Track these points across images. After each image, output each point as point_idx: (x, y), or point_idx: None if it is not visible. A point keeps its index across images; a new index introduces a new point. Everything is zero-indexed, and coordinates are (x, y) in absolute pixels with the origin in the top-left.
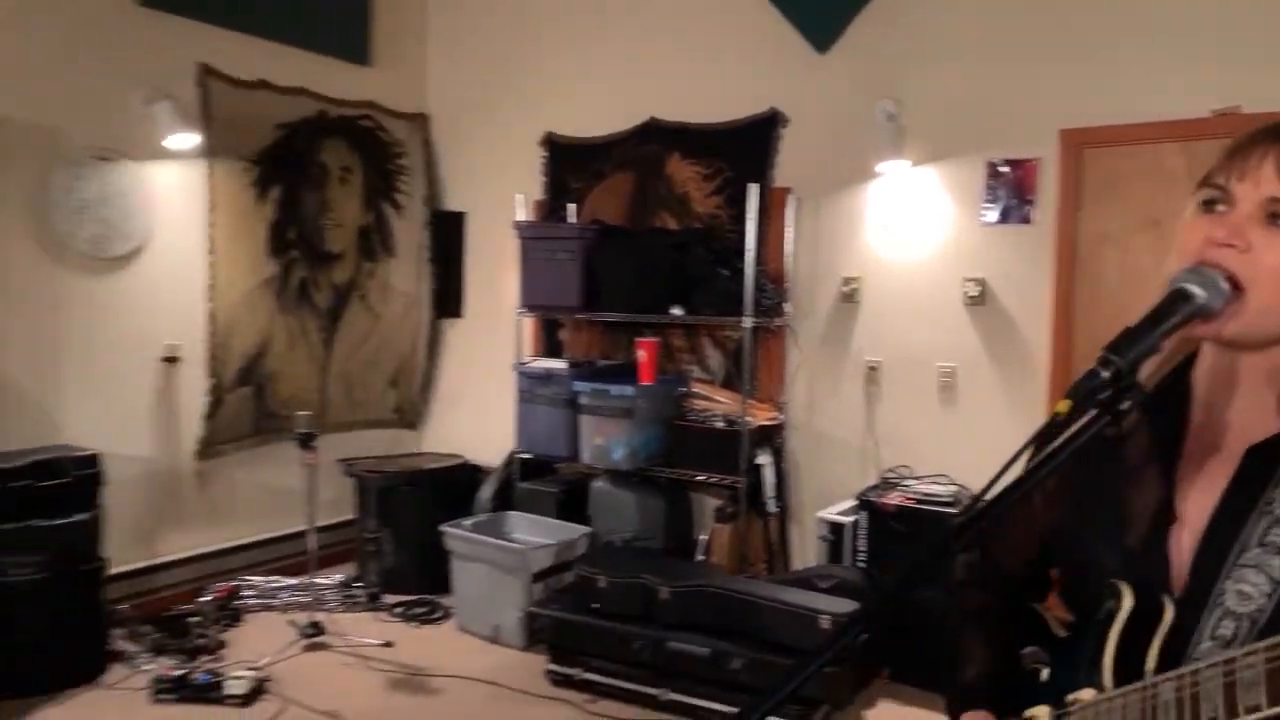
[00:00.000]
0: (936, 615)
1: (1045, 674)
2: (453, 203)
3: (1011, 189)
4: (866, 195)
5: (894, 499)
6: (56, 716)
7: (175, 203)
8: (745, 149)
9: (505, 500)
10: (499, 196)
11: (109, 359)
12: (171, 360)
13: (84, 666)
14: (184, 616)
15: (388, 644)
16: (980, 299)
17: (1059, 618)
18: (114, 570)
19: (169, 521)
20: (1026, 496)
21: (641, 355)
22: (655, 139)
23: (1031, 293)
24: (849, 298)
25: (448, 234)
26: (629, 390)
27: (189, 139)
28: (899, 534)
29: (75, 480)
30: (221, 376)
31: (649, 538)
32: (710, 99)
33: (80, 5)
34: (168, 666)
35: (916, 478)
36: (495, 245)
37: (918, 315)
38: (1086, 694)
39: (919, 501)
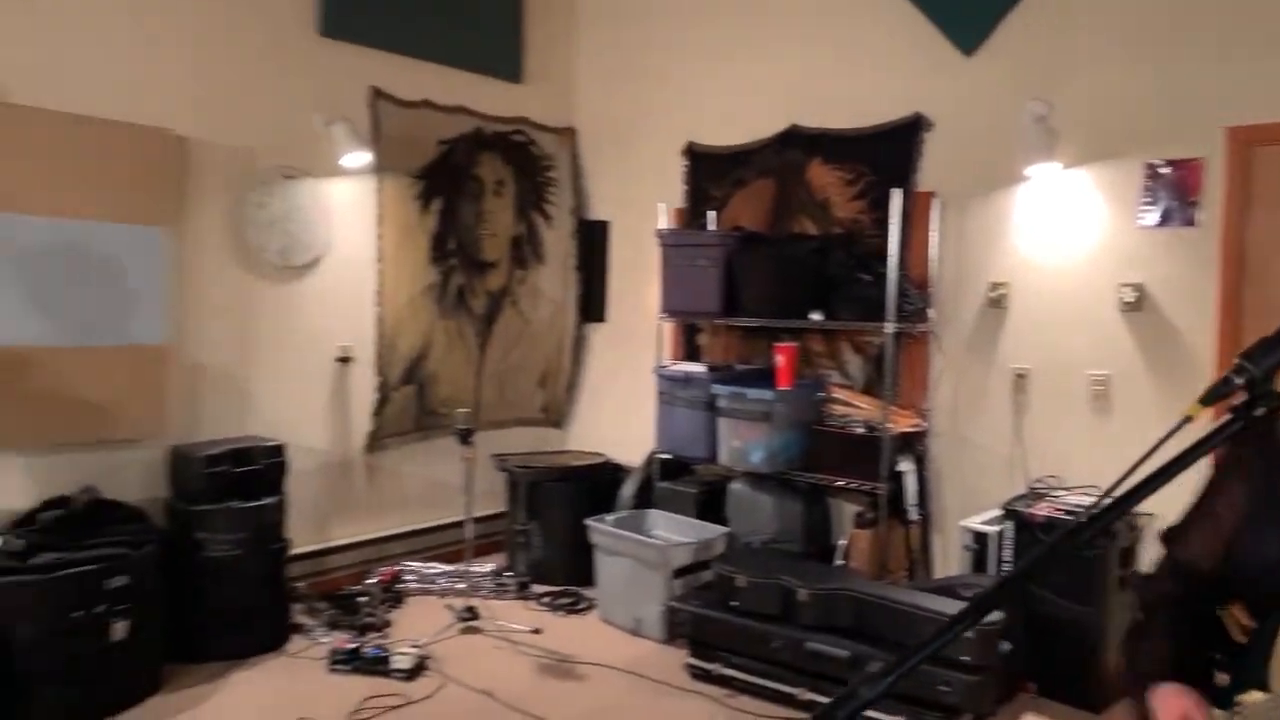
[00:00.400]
0: (1087, 630)
1: (1224, 679)
2: (597, 212)
3: (1172, 190)
4: (1014, 199)
5: (1042, 510)
6: (248, 679)
7: (349, 216)
8: (888, 153)
9: (646, 498)
10: (641, 206)
11: (292, 359)
12: (345, 360)
13: (271, 636)
14: (354, 596)
15: (536, 631)
16: (1137, 305)
17: (1242, 624)
18: (294, 550)
19: (340, 508)
20: (1208, 502)
21: (780, 360)
22: (796, 146)
23: (1195, 298)
24: (996, 303)
25: (592, 242)
26: (767, 394)
27: (362, 157)
28: None
29: (265, 468)
30: (388, 376)
31: (787, 541)
32: (852, 104)
33: (268, 38)
34: (342, 640)
35: (1066, 488)
36: (637, 253)
37: (1069, 321)
38: (1254, 696)
39: (1068, 513)
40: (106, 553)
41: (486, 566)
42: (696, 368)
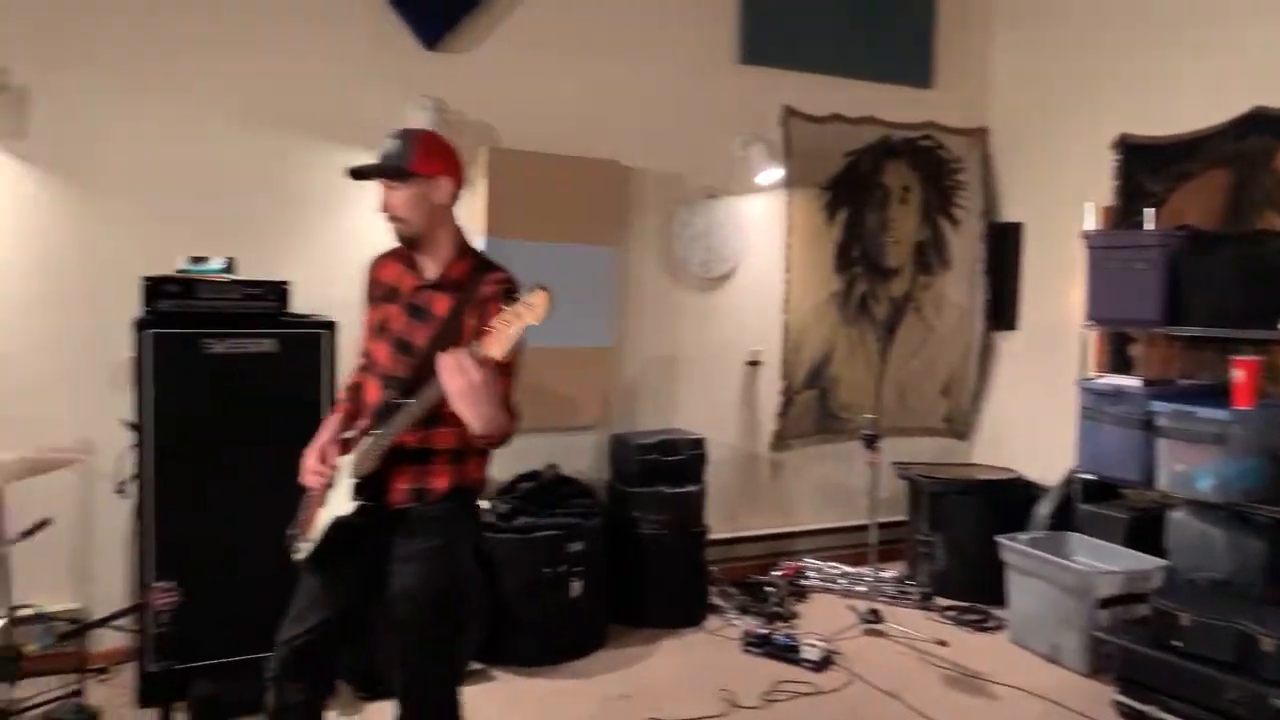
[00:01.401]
0: None
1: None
2: (1009, 214)
3: None
4: None
5: None
6: (675, 647)
7: (761, 229)
8: None
9: (1063, 520)
10: (1060, 205)
11: (709, 361)
12: (754, 364)
13: (691, 612)
14: (761, 585)
15: (942, 643)
16: None
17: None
18: (710, 536)
19: (748, 501)
20: None
21: (1239, 375)
22: (1262, 130)
23: None
24: None
25: (1003, 246)
26: (1222, 414)
27: (774, 174)
28: None
29: (688, 458)
30: (792, 379)
31: (1243, 582)
32: None
33: (695, 73)
34: (753, 625)
35: None
36: (1055, 256)
37: None
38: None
39: None
40: (567, 521)
41: (888, 572)
42: (1129, 381)
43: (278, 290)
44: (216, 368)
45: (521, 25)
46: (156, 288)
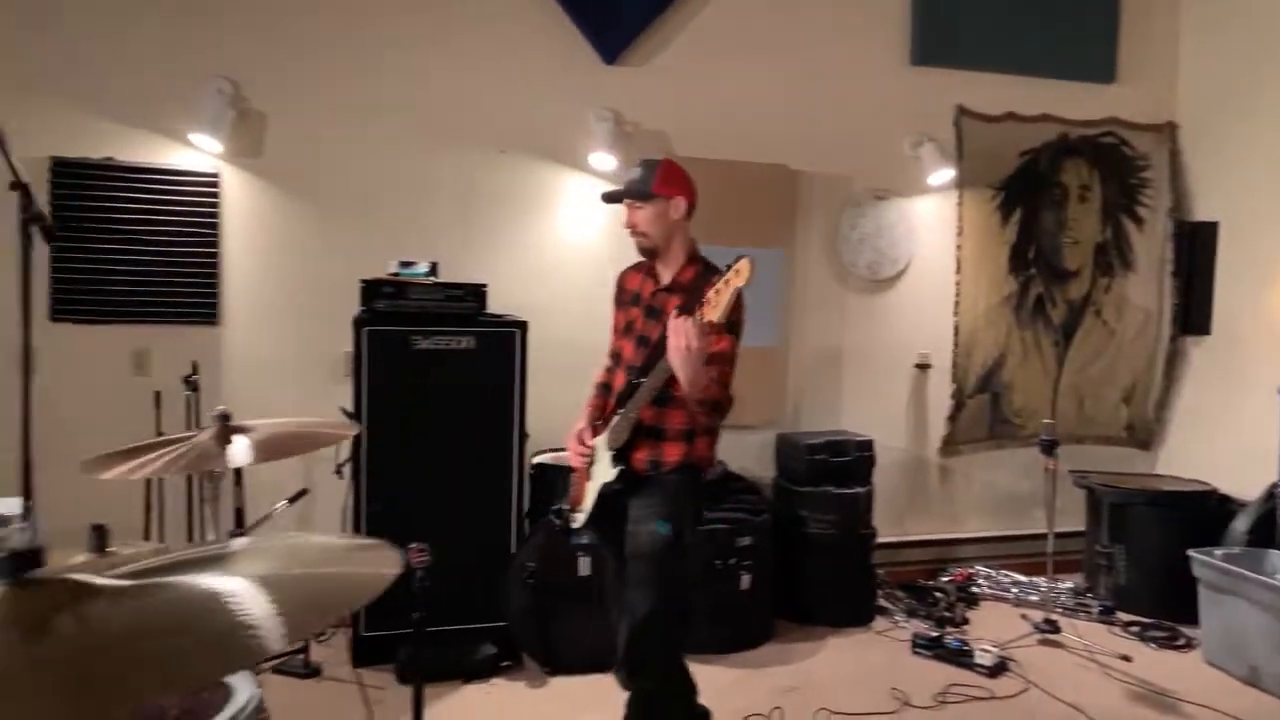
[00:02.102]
0: None
1: None
2: (1202, 213)
3: None
4: None
5: None
6: (841, 645)
7: (931, 231)
8: None
9: (1264, 537)
10: (1260, 202)
11: (876, 363)
12: (923, 367)
13: (858, 612)
14: (929, 590)
15: (1125, 658)
16: None
17: None
18: (877, 540)
19: (915, 505)
20: None
21: None
22: None
23: None
24: None
25: (1195, 246)
26: None
27: (946, 174)
28: None
29: (855, 460)
30: (963, 383)
31: None
32: None
33: (865, 75)
34: (923, 628)
35: None
36: (1253, 255)
37: None
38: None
39: None
40: (735, 516)
41: (1064, 583)
42: None
43: (476, 292)
44: (422, 362)
45: (693, 37)
46: (373, 289)
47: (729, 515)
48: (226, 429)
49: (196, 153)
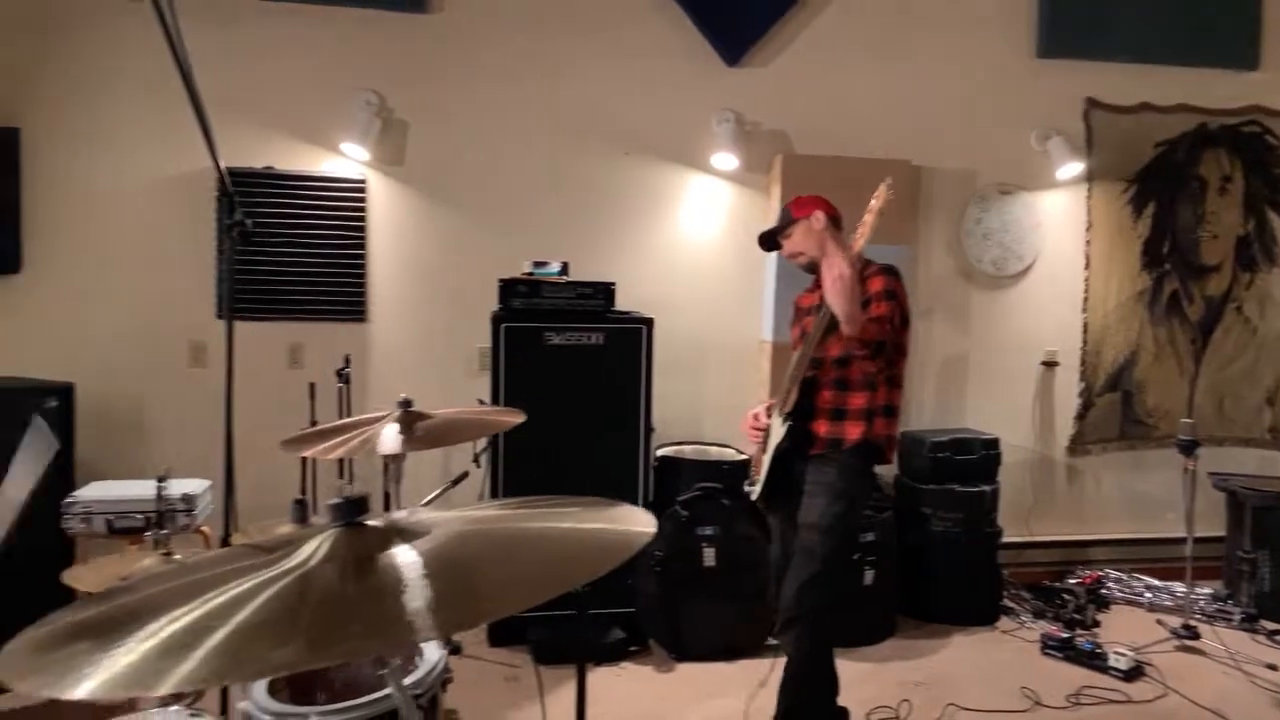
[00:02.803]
0: None
1: None
2: None
3: None
4: None
5: None
6: (967, 643)
7: (1058, 225)
8: None
9: None
10: None
11: (1001, 360)
12: (1050, 365)
13: (982, 611)
14: (1057, 592)
15: (1272, 666)
16: None
17: None
18: (1002, 539)
19: (1041, 505)
20: None
21: None
22: None
23: None
24: None
25: None
26: None
27: (1074, 168)
28: None
29: (980, 458)
30: (1092, 382)
31: None
32: None
33: (990, 69)
34: (1053, 629)
35: None
36: None
37: None
38: None
39: None
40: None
41: (1203, 589)
42: None
43: (605, 290)
44: (554, 357)
45: (815, 37)
46: (510, 288)
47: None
48: (409, 415)
49: (346, 161)
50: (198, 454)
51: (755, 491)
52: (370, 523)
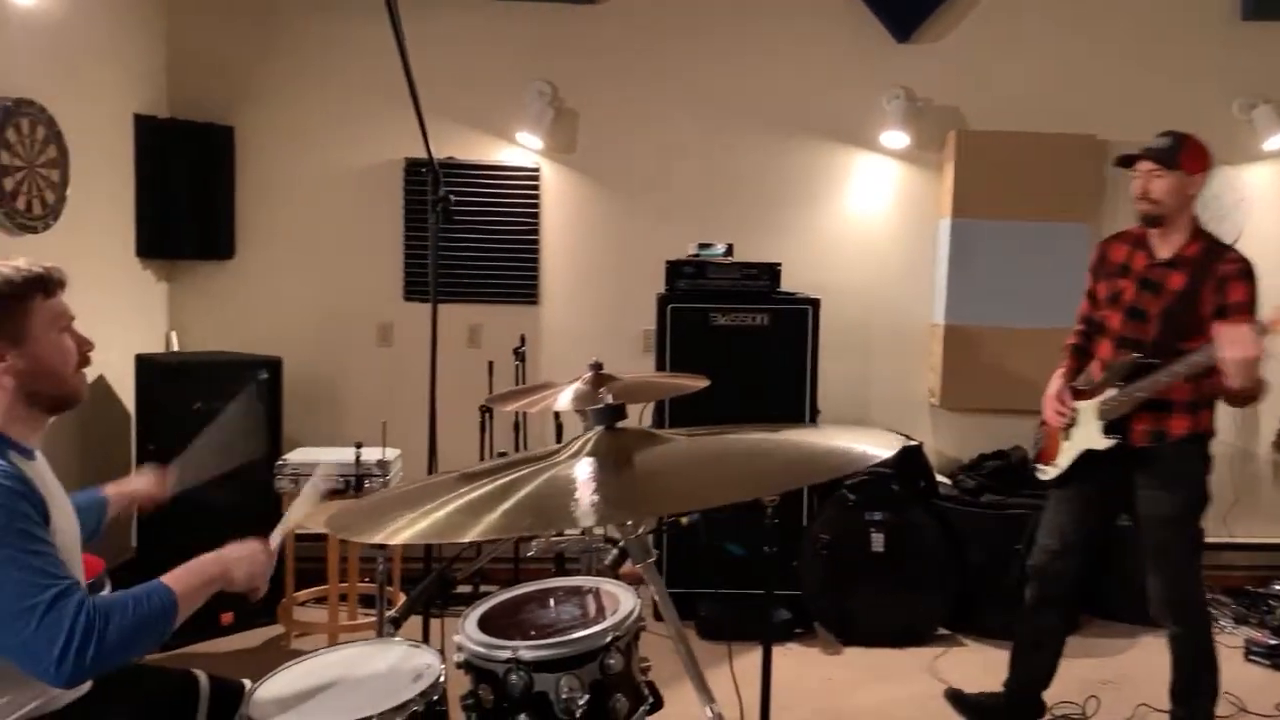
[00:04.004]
0: None
1: None
2: None
3: None
4: None
5: None
6: (1153, 644)
7: (1265, 201)
8: None
9: None
10: None
11: None
12: None
13: None
14: (1263, 598)
15: None
16: None
17: None
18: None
19: (1242, 505)
20: None
21: None
22: None
23: None
24: None
25: None
26: None
27: None
28: None
29: None
30: None
31: None
32: None
33: (1187, 34)
34: (1256, 635)
35: None
36: None
37: None
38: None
39: None
40: (1036, 503)
41: None
42: None
43: (771, 271)
44: (719, 337)
45: (991, 8)
46: (676, 269)
47: (1032, 501)
48: (599, 377)
49: (520, 150)
50: (383, 425)
51: (1047, 473)
52: (624, 426)
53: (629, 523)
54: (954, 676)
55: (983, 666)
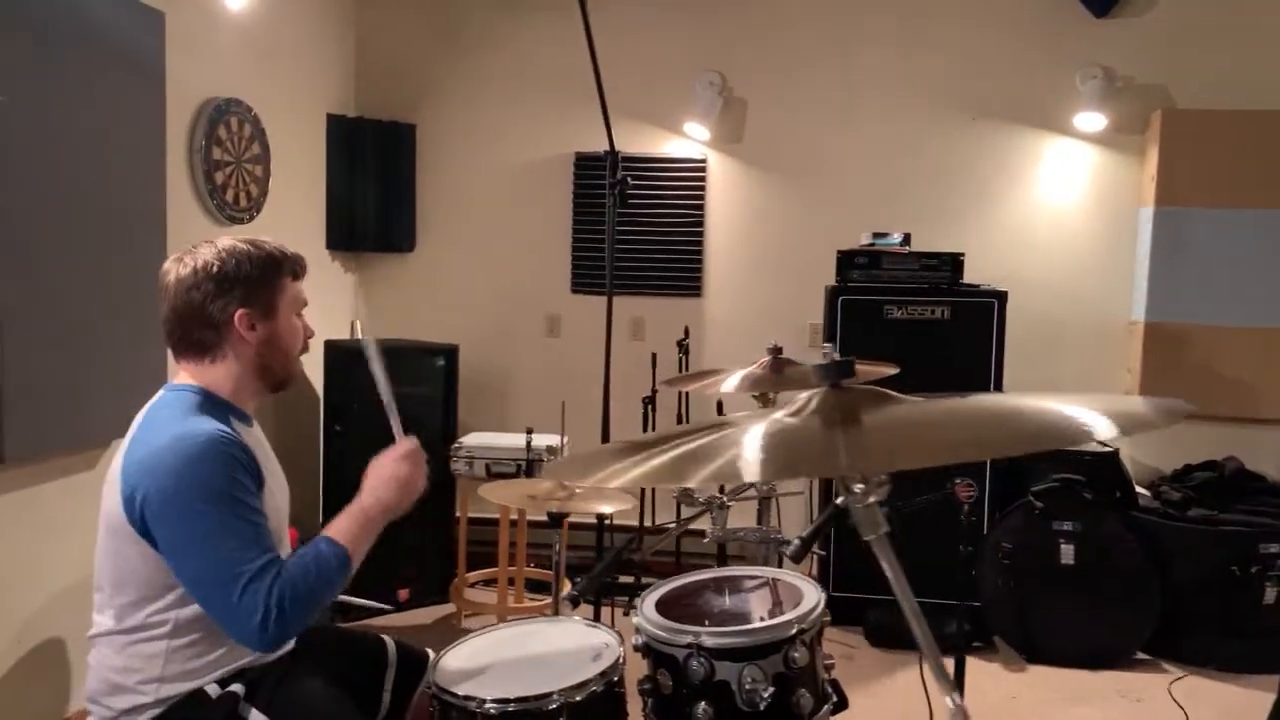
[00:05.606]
0: None
1: None
2: None
3: None
4: None
5: None
6: None
7: None
8: None
9: None
10: None
11: None
12: None
13: None
14: None
15: None
16: None
17: None
18: None
19: None
20: None
21: None
22: None
23: None
24: None
25: None
26: None
27: None
28: None
29: None
30: None
31: None
32: None
33: None
34: None
35: None
36: None
37: None
38: None
39: None
40: (1257, 519)
41: None
42: None
43: (952, 261)
44: (895, 331)
45: None
46: (848, 260)
47: (1248, 519)
48: (778, 361)
49: (687, 141)
50: (551, 413)
51: None
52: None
53: (861, 488)
54: (1162, 706)
55: (1187, 694)
